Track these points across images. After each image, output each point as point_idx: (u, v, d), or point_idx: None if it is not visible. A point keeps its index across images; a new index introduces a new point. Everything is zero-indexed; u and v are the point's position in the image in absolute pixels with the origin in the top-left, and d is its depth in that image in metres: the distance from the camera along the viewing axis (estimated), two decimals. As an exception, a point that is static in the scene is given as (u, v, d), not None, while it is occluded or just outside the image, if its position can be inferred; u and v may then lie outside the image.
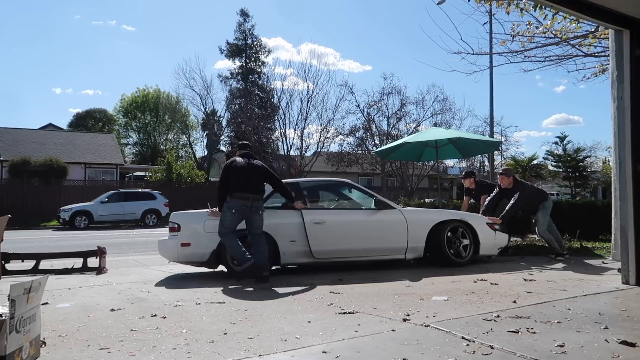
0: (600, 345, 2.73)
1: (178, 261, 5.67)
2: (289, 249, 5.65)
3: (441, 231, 6.03)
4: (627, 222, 4.63)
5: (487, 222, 6.46)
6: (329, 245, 5.80)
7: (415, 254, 6.06)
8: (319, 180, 8.98)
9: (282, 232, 5.65)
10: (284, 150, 28.09)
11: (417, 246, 6.03)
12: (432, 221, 6.10)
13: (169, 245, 5.62)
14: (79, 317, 3.64)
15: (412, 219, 6.08)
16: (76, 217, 18.74)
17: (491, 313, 3.50)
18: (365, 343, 2.84)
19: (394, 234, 6.00)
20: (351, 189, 6.56)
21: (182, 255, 5.55)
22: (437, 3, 14.47)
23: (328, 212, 6.26)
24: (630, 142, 4.62)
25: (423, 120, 28.39)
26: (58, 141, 31.87)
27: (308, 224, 5.71)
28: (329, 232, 5.80)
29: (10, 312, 2.35)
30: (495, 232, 6.44)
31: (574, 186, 19.44)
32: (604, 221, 7.47)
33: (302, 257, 5.73)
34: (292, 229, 5.70)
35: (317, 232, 5.73)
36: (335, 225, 5.88)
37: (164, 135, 49.49)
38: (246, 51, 40.13)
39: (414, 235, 6.01)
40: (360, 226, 6.00)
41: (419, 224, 6.08)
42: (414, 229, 6.02)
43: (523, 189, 6.92)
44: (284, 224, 5.73)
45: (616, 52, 4.81)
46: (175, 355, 2.69)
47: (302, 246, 5.68)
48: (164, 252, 5.75)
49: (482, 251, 6.28)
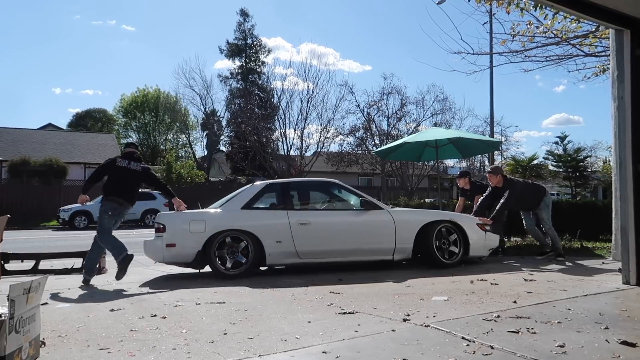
0: (600, 345, 2.73)
1: (163, 262, 5.65)
2: (275, 250, 5.63)
3: (430, 232, 5.97)
4: (628, 222, 4.62)
5: (477, 223, 6.36)
6: (314, 246, 5.78)
7: (403, 255, 6.00)
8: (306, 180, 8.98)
9: (268, 233, 5.64)
10: (284, 150, 28.08)
11: (405, 247, 5.97)
12: (420, 222, 6.04)
13: (154, 246, 5.60)
14: (78, 317, 3.64)
15: (400, 219, 6.02)
16: (76, 217, 18.74)
17: (491, 313, 3.49)
18: (365, 343, 2.83)
19: (381, 234, 5.95)
20: (338, 189, 6.48)
21: (168, 256, 5.54)
22: (437, 3, 14.47)
23: (314, 212, 6.20)
24: (631, 141, 4.61)
25: (423, 120, 28.42)
26: (58, 141, 31.88)
27: (293, 224, 5.71)
28: (314, 233, 5.78)
29: (9, 313, 2.35)
30: (486, 232, 6.34)
31: (574, 186, 19.41)
32: (604, 221, 7.45)
33: (288, 257, 5.72)
34: (278, 229, 5.69)
35: (303, 233, 5.72)
36: (321, 225, 5.86)
37: (163, 135, 49.46)
38: (246, 51, 40.10)
39: (401, 236, 5.95)
40: (347, 227, 5.97)
41: (407, 224, 6.02)
42: (402, 230, 5.96)
43: (513, 187, 6.72)
44: (269, 224, 5.73)
45: (617, 52, 4.81)
46: (175, 355, 2.68)
47: (287, 247, 5.67)
48: (149, 253, 5.71)
49: (472, 252, 6.18)
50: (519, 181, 7.15)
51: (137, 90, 49.92)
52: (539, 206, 6.82)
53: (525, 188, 6.94)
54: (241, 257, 5.56)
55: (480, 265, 6.20)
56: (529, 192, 6.89)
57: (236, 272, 5.49)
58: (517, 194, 6.69)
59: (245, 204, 5.86)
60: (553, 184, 24.71)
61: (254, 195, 5.95)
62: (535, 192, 6.89)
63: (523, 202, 6.92)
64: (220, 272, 5.48)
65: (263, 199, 6.04)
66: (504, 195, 6.66)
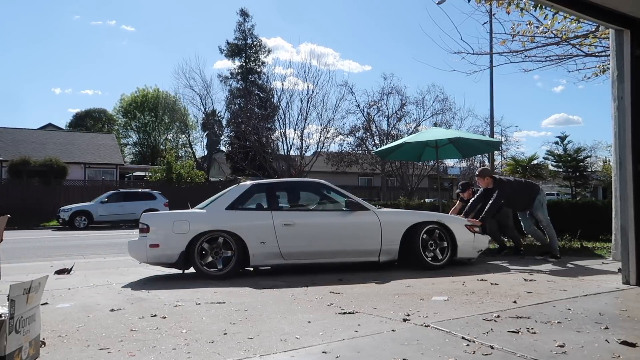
0: (600, 345, 2.73)
1: (147, 262, 5.62)
2: (259, 251, 5.60)
3: (416, 233, 5.89)
4: (628, 222, 4.62)
5: (466, 225, 6.27)
6: (299, 247, 5.75)
7: (390, 256, 5.93)
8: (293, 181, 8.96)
9: (252, 233, 5.61)
10: (284, 150, 28.05)
11: (391, 248, 5.90)
12: (407, 223, 5.96)
13: (138, 246, 5.58)
14: (78, 317, 3.64)
15: (386, 220, 5.96)
16: (76, 217, 18.71)
17: (491, 313, 3.49)
18: (365, 343, 2.84)
19: (366, 236, 5.89)
20: (326, 189, 6.41)
21: (151, 257, 5.52)
22: (437, 3, 14.45)
23: (299, 213, 6.14)
24: (631, 141, 4.61)
25: (423, 120, 28.40)
26: (58, 141, 31.87)
27: (277, 225, 5.69)
28: (299, 234, 5.75)
29: (9, 313, 2.35)
30: (475, 234, 6.25)
31: (574, 186, 19.43)
32: (604, 221, 7.45)
33: (272, 258, 5.70)
34: (262, 230, 5.66)
35: (287, 234, 5.69)
36: (305, 226, 5.83)
37: (163, 135, 49.47)
38: (246, 51, 40.10)
39: (387, 237, 5.88)
40: (332, 228, 5.93)
41: (393, 225, 5.95)
42: (388, 231, 5.90)
43: (502, 187, 6.60)
44: (253, 225, 5.71)
45: (616, 52, 4.81)
46: (175, 356, 2.68)
47: (271, 248, 5.64)
48: (133, 253, 5.68)
49: (460, 254, 6.08)
50: (509, 180, 7.05)
51: (137, 90, 49.99)
52: (533, 205, 6.70)
53: (517, 187, 6.84)
54: (225, 258, 5.54)
55: (480, 266, 6.20)
56: (521, 191, 6.78)
57: (219, 273, 5.46)
58: (506, 194, 6.59)
59: (230, 204, 5.84)
60: (553, 184, 24.72)
61: (239, 196, 5.92)
62: (529, 191, 6.77)
63: (515, 202, 6.84)
64: (203, 272, 5.46)
65: (249, 199, 6.03)
66: (492, 196, 6.55)
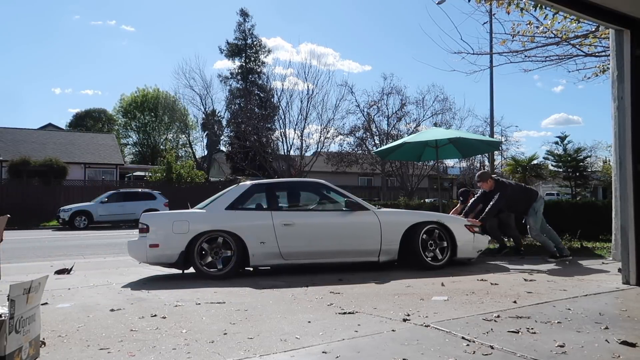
0: (600, 345, 2.73)
1: (147, 262, 5.63)
2: (258, 251, 5.60)
3: (416, 233, 5.89)
4: (628, 222, 4.62)
5: (465, 225, 6.27)
6: (298, 247, 5.75)
7: (389, 256, 5.93)
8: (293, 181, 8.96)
9: (252, 233, 5.61)
10: (284, 150, 28.05)
11: (390, 248, 5.89)
12: (406, 223, 5.96)
13: (138, 246, 5.58)
14: (78, 317, 3.64)
15: (386, 220, 5.96)
16: (76, 217, 18.71)
17: (491, 313, 3.49)
18: (365, 343, 2.84)
19: (366, 236, 5.89)
20: (326, 189, 6.40)
21: (151, 257, 5.52)
22: (437, 3, 14.46)
23: (298, 213, 6.14)
24: (631, 141, 4.61)
25: (423, 120, 28.37)
26: (58, 141, 31.87)
27: (277, 225, 5.69)
28: (298, 234, 5.74)
29: (9, 313, 2.35)
30: (474, 234, 6.26)
31: (574, 186, 19.43)
32: (604, 221, 7.45)
33: (271, 258, 5.70)
34: (261, 230, 5.66)
35: (287, 234, 5.69)
36: (305, 226, 5.83)
37: (163, 135, 49.45)
38: (246, 51, 40.10)
39: (387, 237, 5.88)
40: (331, 228, 5.93)
41: (393, 225, 5.95)
42: (388, 231, 5.89)
43: (504, 189, 6.68)
44: (253, 225, 5.71)
45: (616, 52, 4.81)
46: (175, 355, 2.68)
47: (271, 248, 5.64)
48: (133, 253, 5.69)
49: (459, 254, 6.08)
50: (510, 183, 7.11)
51: (137, 90, 49.97)
52: (528, 212, 6.74)
53: (517, 190, 6.91)
54: (224, 258, 5.55)
55: (480, 266, 6.20)
56: (521, 195, 6.84)
57: (219, 273, 5.46)
58: (507, 196, 6.67)
59: (229, 204, 5.84)
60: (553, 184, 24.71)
61: (239, 196, 5.92)
62: (527, 197, 6.82)
63: (515, 205, 6.89)
64: (202, 272, 5.47)
65: (249, 199, 6.03)
66: (494, 198, 6.64)
